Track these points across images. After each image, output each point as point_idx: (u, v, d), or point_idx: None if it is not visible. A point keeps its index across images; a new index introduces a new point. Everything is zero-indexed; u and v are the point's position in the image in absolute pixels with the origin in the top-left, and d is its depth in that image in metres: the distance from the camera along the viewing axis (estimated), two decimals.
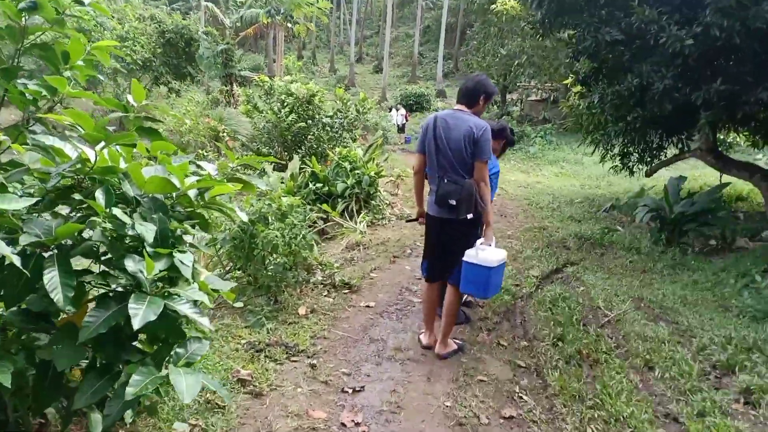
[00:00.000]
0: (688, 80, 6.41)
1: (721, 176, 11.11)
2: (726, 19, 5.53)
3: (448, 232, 3.77)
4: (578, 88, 10.41)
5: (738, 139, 13.11)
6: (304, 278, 5.00)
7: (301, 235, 4.53)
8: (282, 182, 9.30)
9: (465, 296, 4.55)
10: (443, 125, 3.66)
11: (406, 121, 21.50)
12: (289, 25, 18.97)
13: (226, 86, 17.90)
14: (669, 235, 7.75)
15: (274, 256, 4.45)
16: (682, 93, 6.34)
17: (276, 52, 19.67)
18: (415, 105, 30.14)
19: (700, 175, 14.15)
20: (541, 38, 9.04)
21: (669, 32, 5.87)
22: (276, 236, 4.16)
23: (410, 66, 46.08)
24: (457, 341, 4.04)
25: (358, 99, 10.44)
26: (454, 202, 3.59)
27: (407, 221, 5.64)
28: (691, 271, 6.43)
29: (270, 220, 4.42)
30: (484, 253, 3.60)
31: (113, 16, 18.91)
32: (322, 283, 5.10)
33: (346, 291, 5.06)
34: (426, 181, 3.94)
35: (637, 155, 10.43)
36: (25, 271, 1.34)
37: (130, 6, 19.78)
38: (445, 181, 3.63)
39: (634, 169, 10.73)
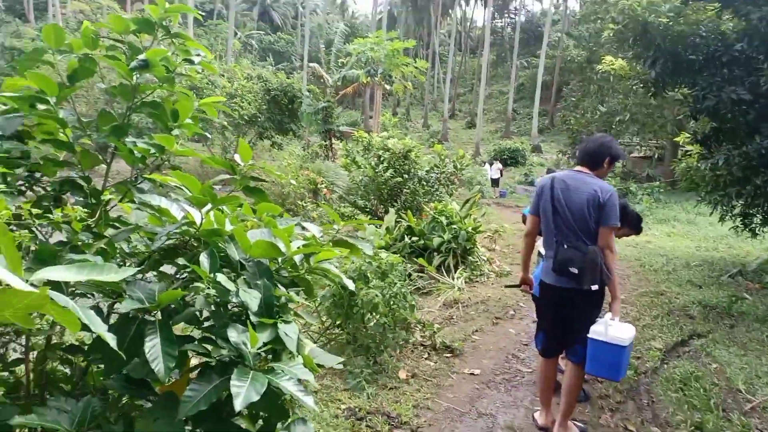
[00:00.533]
0: None
1: None
2: None
3: (569, 304, 3.39)
4: (695, 147, 9.72)
5: None
6: (403, 338, 4.72)
7: (401, 295, 4.29)
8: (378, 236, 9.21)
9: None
10: (562, 187, 3.37)
11: (501, 175, 21.15)
12: (387, 85, 19.48)
13: (325, 141, 18.47)
14: None
15: (374, 315, 4.23)
16: None
17: (373, 109, 20.19)
18: (509, 159, 29.72)
19: None
20: (651, 96, 8.53)
21: None
22: (376, 296, 3.94)
23: (503, 122, 45.94)
24: (578, 424, 3.57)
25: (456, 155, 10.28)
26: (576, 271, 3.24)
27: (507, 287, 5.23)
28: None
29: (370, 278, 4.22)
30: (613, 329, 3.18)
31: (223, 74, 20.31)
32: (422, 344, 4.79)
33: (448, 355, 4.72)
34: (538, 246, 3.63)
35: (761, 217, 9.49)
36: (120, 353, 1.21)
37: (239, 66, 21.19)
38: (565, 246, 3.30)
39: (758, 231, 9.74)
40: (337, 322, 4.34)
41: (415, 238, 8.76)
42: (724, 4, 6.38)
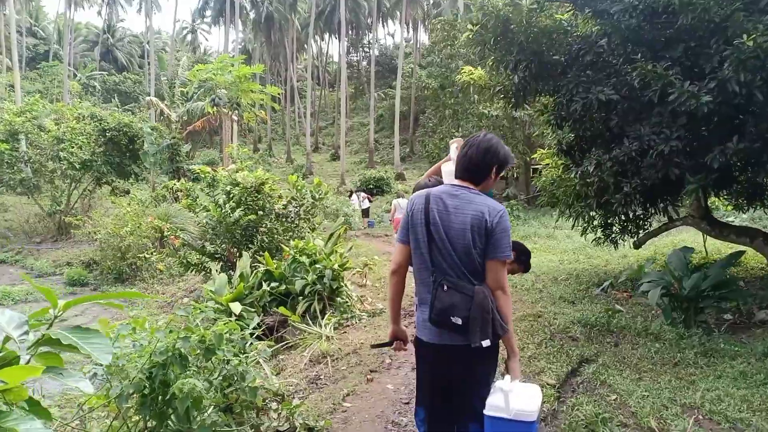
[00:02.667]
0: (697, 141, 5.60)
1: (705, 243, 10.30)
2: (746, 73, 4.76)
3: (454, 368, 2.55)
4: (553, 161, 9.67)
5: (718, 203, 12.52)
6: (253, 425, 3.61)
7: (238, 375, 3.19)
8: (231, 285, 7.98)
9: None
10: (439, 208, 2.54)
11: (370, 203, 20.61)
12: (234, 116, 18.15)
13: (172, 182, 16.78)
14: (683, 314, 6.69)
15: (202, 410, 3.10)
16: (691, 155, 5.50)
17: (222, 144, 18.75)
18: (375, 189, 29.56)
19: (678, 242, 13.40)
20: (512, 108, 8.30)
21: (681, 88, 5.06)
22: (194, 385, 2.80)
23: (366, 152, 46.27)
24: None
25: (312, 185, 9.38)
26: (459, 321, 2.41)
27: (374, 347, 4.06)
28: (729, 359, 5.31)
29: (189, 360, 3.07)
30: (516, 398, 2.39)
31: (49, 117, 17.85)
32: (277, 430, 3.71)
33: None
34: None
35: (618, 226, 9.63)
36: None
37: (67, 106, 18.77)
38: (445, 288, 2.46)
39: (618, 240, 9.89)
40: (149, 426, 3.14)
41: (275, 284, 7.68)
42: (579, 6, 6.18)
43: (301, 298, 7.57)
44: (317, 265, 7.72)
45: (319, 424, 3.73)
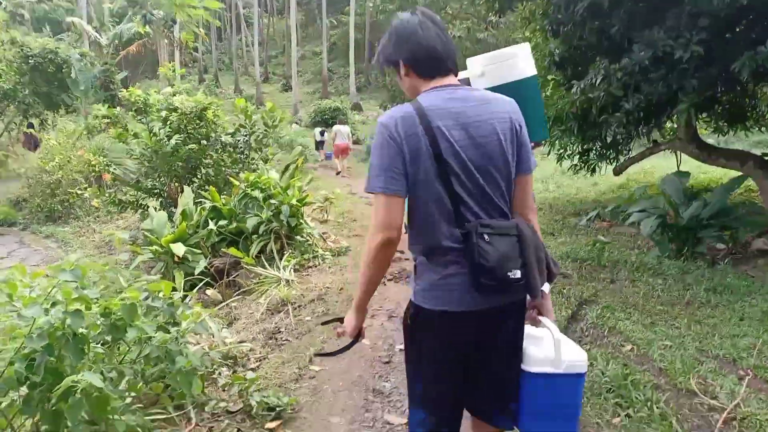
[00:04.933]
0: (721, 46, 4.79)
1: (678, 166, 9.71)
2: None
3: (500, 335, 1.84)
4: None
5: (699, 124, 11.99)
6: (196, 403, 2.75)
7: (165, 357, 2.25)
8: (172, 224, 6.95)
9: None
10: (447, 123, 1.72)
11: (325, 135, 19.42)
12: (172, 36, 16.21)
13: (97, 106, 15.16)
14: (682, 246, 6.10)
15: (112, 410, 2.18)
16: (717, 62, 4.69)
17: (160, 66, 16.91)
18: (330, 120, 28.24)
19: (649, 169, 12.90)
20: (497, 15, 7.30)
21: None
22: (92, 384, 1.85)
23: (320, 82, 44.32)
24: None
25: (264, 110, 8.23)
26: (518, 274, 1.69)
27: (324, 323, 2.86)
28: (743, 295, 4.73)
29: (86, 344, 2.10)
30: (563, 346, 1.85)
31: None
32: (227, 412, 2.85)
33: (272, 425, 2.82)
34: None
35: (596, 153, 8.97)
36: None
37: None
38: (486, 238, 1.68)
39: (596, 168, 9.25)
40: (41, 429, 2.21)
41: (223, 222, 6.69)
42: None
43: (254, 237, 6.63)
44: (272, 201, 6.75)
45: (282, 401, 2.89)
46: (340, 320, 2.00)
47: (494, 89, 2.23)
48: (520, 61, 2.34)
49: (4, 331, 2.29)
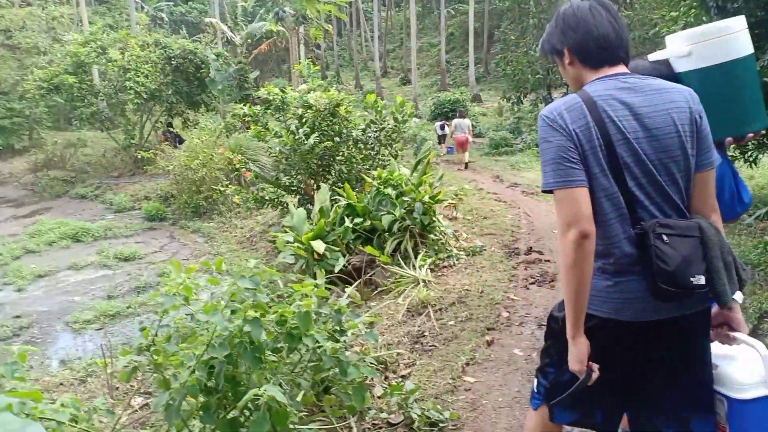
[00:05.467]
0: None
1: None
2: None
3: (681, 346, 1.66)
4: None
5: None
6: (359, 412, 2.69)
7: (336, 368, 2.18)
8: (310, 221, 7.11)
9: None
10: (619, 115, 1.59)
11: (446, 129, 19.15)
12: (301, 33, 16.72)
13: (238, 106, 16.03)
14: None
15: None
16: None
17: (292, 62, 17.47)
18: (450, 112, 27.95)
19: None
20: None
21: None
22: (274, 398, 1.78)
23: (438, 74, 44.09)
24: None
25: (394, 105, 8.18)
26: (702, 280, 1.53)
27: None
28: None
29: (263, 350, 2.07)
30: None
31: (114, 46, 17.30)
32: (389, 424, 2.76)
33: None
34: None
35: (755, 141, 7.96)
36: None
37: (131, 35, 18.12)
38: (665, 239, 1.52)
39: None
40: None
41: (358, 220, 6.72)
42: None
43: (388, 235, 6.61)
44: (405, 198, 6.67)
45: (443, 416, 2.76)
46: (583, 383, 1.63)
47: (703, 71, 1.95)
48: (738, 36, 1.98)
49: (179, 334, 2.34)
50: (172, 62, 16.79)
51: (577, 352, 1.61)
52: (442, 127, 19.46)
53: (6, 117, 21.21)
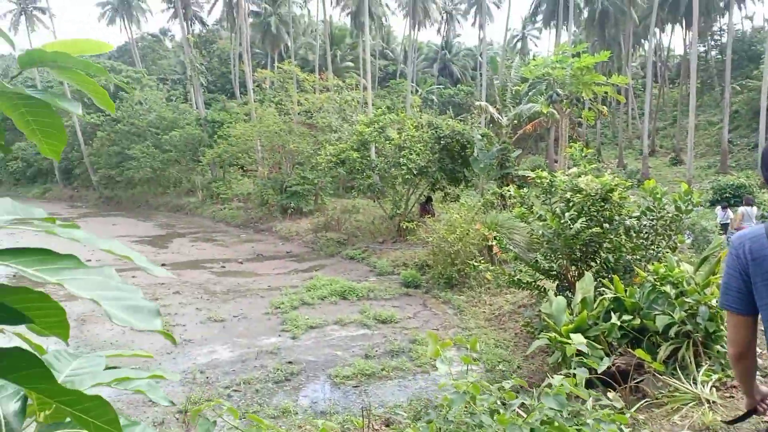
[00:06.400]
0: None
1: None
2: None
3: None
4: None
5: None
6: None
7: None
8: (570, 311, 6.70)
9: None
10: None
11: (731, 216, 16.72)
12: (573, 112, 16.51)
13: (501, 188, 16.29)
14: None
15: None
16: None
17: (558, 152, 17.32)
18: (733, 198, 24.52)
19: None
20: None
21: None
22: None
23: (716, 155, 39.56)
24: None
25: (678, 191, 7.40)
26: None
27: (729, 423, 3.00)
28: None
29: None
30: None
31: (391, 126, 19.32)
32: None
33: None
34: None
35: None
36: None
37: (407, 116, 20.03)
38: None
39: None
40: None
41: (627, 317, 6.10)
42: None
43: (662, 339, 5.85)
44: (686, 299, 5.86)
45: None
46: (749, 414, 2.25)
47: None
48: None
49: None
50: (441, 141, 18.03)
51: (747, 400, 2.13)
52: (724, 211, 17.05)
53: (299, 184, 25.11)
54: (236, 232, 25.66)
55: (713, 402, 4.80)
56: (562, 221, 7.17)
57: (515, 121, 17.16)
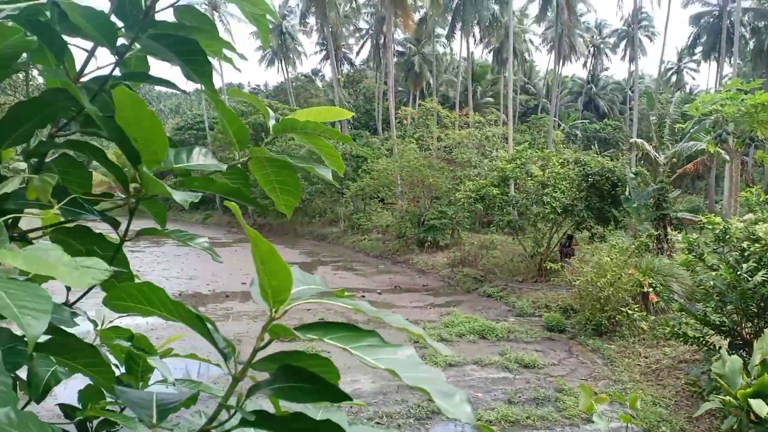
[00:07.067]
0: None
1: None
2: None
3: None
4: None
5: None
6: None
7: None
8: (747, 372, 6.00)
9: None
10: None
11: None
12: (744, 153, 14.96)
13: (657, 230, 15.11)
14: None
15: None
16: None
17: (726, 191, 15.64)
18: None
19: None
20: None
21: None
22: None
23: None
24: None
25: None
26: None
27: None
28: None
29: None
30: None
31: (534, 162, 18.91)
32: None
33: None
34: None
35: None
36: None
37: (553, 153, 19.50)
38: None
39: None
40: None
41: None
42: None
43: None
44: None
45: None
46: None
47: None
48: None
49: None
50: (589, 179, 17.28)
51: None
52: None
53: (437, 218, 25.31)
54: (374, 263, 26.40)
55: None
56: (738, 272, 6.50)
57: (673, 160, 15.93)
